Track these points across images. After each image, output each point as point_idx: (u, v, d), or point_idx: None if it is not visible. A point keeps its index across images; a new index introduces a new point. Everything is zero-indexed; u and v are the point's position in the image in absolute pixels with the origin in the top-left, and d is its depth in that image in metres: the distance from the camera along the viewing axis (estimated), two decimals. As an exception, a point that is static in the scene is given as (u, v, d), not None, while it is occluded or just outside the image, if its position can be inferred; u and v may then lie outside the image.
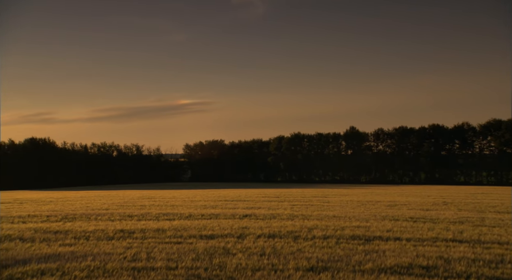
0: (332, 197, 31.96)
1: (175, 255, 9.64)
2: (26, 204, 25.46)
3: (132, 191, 46.96)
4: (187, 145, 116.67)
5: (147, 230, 13.10)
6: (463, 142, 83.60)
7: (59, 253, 9.73)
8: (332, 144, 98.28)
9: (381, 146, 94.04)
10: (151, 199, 29.30)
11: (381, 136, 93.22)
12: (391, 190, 46.88)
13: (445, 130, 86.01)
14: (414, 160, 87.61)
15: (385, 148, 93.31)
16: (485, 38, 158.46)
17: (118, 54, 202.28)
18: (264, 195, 33.36)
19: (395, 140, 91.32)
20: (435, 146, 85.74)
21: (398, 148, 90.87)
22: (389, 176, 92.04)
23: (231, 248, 10.45)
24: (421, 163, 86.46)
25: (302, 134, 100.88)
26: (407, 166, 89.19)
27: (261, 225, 14.48)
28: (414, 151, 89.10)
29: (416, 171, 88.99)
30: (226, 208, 21.64)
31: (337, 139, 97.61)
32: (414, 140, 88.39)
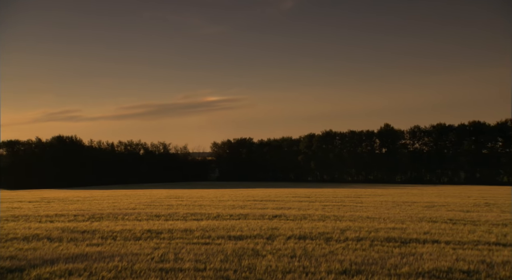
0: (366, 197, 31.59)
1: (203, 256, 9.72)
2: (54, 203, 26.14)
3: (159, 190, 47.60)
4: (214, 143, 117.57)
5: (175, 231, 13.24)
6: (507, 140, 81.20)
7: (86, 253, 9.94)
8: (365, 142, 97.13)
9: (417, 144, 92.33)
10: (178, 198, 29.64)
11: (417, 134, 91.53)
12: (429, 190, 46.00)
13: (486, 127, 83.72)
14: (453, 159, 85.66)
15: (422, 146, 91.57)
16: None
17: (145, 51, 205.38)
18: (294, 195, 33.27)
19: (432, 138, 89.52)
20: (476, 144, 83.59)
21: (436, 146, 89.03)
22: (426, 175, 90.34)
23: (260, 250, 10.46)
24: (461, 162, 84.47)
25: (334, 132, 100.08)
26: (445, 165, 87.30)
27: (292, 226, 14.44)
28: (453, 149, 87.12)
29: (455, 171, 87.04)
30: (255, 208, 21.68)
31: (371, 137, 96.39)
32: (453, 138, 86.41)
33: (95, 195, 35.73)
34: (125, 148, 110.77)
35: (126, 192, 42.32)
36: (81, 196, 35.00)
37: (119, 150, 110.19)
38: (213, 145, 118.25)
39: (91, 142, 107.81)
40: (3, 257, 9.39)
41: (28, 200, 28.59)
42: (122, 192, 44.46)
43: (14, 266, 8.66)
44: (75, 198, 30.75)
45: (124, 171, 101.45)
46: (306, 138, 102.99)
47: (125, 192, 42.44)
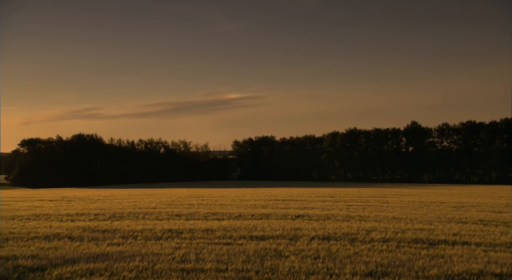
0: (392, 197, 31.27)
1: (224, 257, 9.75)
2: (74, 202, 26.59)
3: (180, 189, 47.96)
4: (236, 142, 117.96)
5: (196, 230, 13.32)
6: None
7: (107, 253, 10.08)
8: (391, 141, 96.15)
9: (446, 142, 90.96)
10: (199, 197, 29.83)
11: (446, 132, 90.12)
12: (458, 190, 45.27)
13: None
14: (483, 157, 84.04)
15: (451, 145, 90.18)
16: None
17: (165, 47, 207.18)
18: (317, 195, 33.15)
19: (462, 136, 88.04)
20: (508, 142, 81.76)
21: (466, 144, 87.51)
22: (455, 175, 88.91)
23: (283, 250, 10.44)
24: (492, 161, 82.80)
25: (359, 130, 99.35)
26: (475, 164, 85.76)
27: (315, 226, 14.39)
28: (483, 147, 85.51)
29: (486, 170, 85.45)
30: (277, 208, 21.67)
31: (397, 135, 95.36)
32: (484, 135, 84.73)
33: (115, 194, 36.22)
34: (146, 147, 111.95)
35: (146, 191, 42.79)
36: (101, 195, 35.52)
37: (140, 148, 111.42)
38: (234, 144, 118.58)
39: (112, 141, 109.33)
40: (25, 256, 9.59)
41: (49, 199, 29.14)
42: (143, 191, 44.96)
43: (35, 265, 8.84)
44: (96, 197, 31.22)
45: (145, 169, 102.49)
46: (329, 136, 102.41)
47: (145, 191, 42.91)
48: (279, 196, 31.22)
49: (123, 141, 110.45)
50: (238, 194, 35.63)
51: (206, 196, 32.22)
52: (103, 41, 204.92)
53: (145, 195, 33.73)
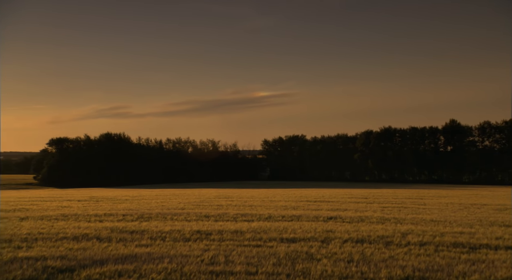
0: (429, 199, 30.76)
1: (254, 259, 9.77)
2: (102, 202, 27.10)
3: (208, 190, 48.30)
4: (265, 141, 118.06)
5: (225, 232, 13.39)
6: None
7: (135, 254, 10.23)
8: (428, 140, 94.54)
9: (487, 141, 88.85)
10: (228, 198, 29.97)
11: (487, 130, 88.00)
12: (501, 191, 44.17)
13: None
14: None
15: (493, 144, 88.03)
16: None
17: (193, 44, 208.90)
18: (350, 196, 32.89)
19: (505, 134, 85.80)
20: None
21: (509, 143, 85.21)
22: (498, 175, 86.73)
23: (315, 253, 10.40)
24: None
25: (394, 128, 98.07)
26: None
27: (348, 228, 14.27)
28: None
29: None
30: (308, 209, 21.59)
31: (435, 133, 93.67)
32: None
33: (143, 194, 36.76)
34: (174, 146, 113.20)
35: (174, 192, 43.26)
36: (129, 195, 36.10)
37: (167, 147, 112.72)
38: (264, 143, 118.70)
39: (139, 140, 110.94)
40: (54, 257, 9.83)
41: (77, 199, 29.79)
42: (171, 191, 45.47)
43: (64, 266, 9.04)
44: (124, 197, 31.75)
45: (172, 169, 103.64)
46: (363, 135, 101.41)
47: (173, 192, 43.39)
48: (310, 197, 31.10)
49: (151, 140, 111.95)
50: (268, 194, 35.65)
51: (235, 196, 32.35)
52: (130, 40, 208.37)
53: (173, 196, 34.11)
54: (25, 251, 10.52)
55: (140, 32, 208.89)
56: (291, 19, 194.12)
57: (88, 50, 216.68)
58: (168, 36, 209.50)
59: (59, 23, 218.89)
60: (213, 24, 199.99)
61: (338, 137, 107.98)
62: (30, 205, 24.36)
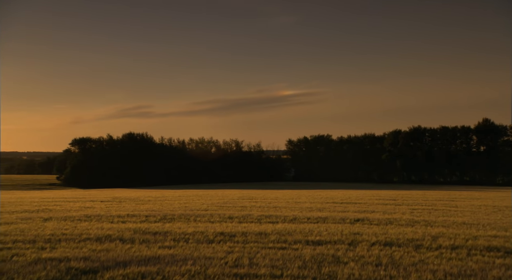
0: (461, 200, 30.27)
1: (279, 262, 9.76)
2: (125, 202, 27.44)
3: (232, 191, 48.44)
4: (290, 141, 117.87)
5: (249, 234, 13.42)
6: None
7: (158, 256, 10.33)
8: (460, 139, 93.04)
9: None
10: (252, 199, 30.02)
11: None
12: (536, 193, 43.15)
13: None
14: None
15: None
16: None
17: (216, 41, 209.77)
18: (378, 197, 32.60)
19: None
20: None
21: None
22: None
23: (341, 256, 10.33)
24: None
25: (423, 128, 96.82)
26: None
27: (376, 231, 14.15)
28: None
29: None
30: (334, 211, 21.48)
31: (467, 133, 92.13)
32: None
33: (166, 195, 37.08)
34: (196, 146, 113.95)
35: (197, 192, 43.53)
36: (152, 196, 36.46)
37: (190, 148, 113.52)
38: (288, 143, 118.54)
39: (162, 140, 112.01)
40: (77, 258, 9.99)
41: (100, 200, 30.23)
42: (194, 192, 45.76)
43: (88, 268, 9.18)
44: (146, 198, 32.09)
45: (195, 170, 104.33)
46: (391, 135, 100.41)
47: (196, 192, 43.65)
48: (336, 199, 30.93)
49: (174, 140, 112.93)
50: (292, 196, 35.57)
51: (259, 198, 32.37)
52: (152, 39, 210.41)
53: (196, 196, 34.32)
54: (49, 252, 10.72)
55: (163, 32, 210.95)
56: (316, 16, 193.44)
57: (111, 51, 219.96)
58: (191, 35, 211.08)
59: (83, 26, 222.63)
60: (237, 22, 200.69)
61: (365, 137, 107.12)
62: (54, 205, 24.82)
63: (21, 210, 21.46)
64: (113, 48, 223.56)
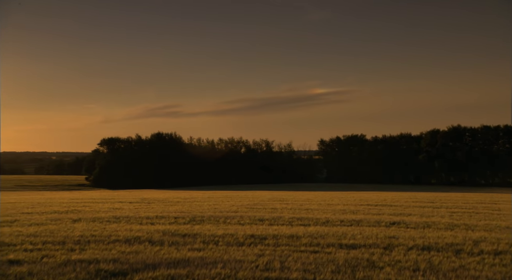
0: (504, 203, 29.56)
1: (312, 266, 9.72)
2: (154, 204, 27.77)
3: (262, 192, 48.48)
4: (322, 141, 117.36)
5: (280, 236, 13.40)
6: None
7: (188, 258, 10.41)
8: (503, 139, 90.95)
9: None
10: (283, 201, 29.98)
11: None
12: None
13: None
14: None
15: None
16: None
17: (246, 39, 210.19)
18: (414, 200, 32.14)
19: None
20: None
21: None
22: None
23: (376, 261, 10.22)
24: None
25: (463, 127, 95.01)
26: None
27: (413, 234, 13.95)
28: None
29: None
30: (369, 213, 21.27)
31: (510, 132, 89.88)
32: None
33: (195, 196, 37.37)
34: (226, 146, 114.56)
35: (227, 194, 43.71)
36: (181, 197, 36.80)
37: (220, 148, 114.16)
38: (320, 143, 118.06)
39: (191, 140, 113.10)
40: (107, 260, 10.16)
41: (128, 201, 30.69)
42: (223, 193, 45.97)
43: (117, 270, 9.32)
44: (175, 199, 32.40)
45: (225, 170, 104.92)
46: (428, 135, 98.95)
47: (226, 194, 43.85)
48: (370, 201, 30.62)
49: (203, 140, 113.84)
50: (325, 197, 35.38)
51: (290, 199, 32.31)
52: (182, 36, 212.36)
53: (225, 198, 34.48)
54: (78, 253, 10.94)
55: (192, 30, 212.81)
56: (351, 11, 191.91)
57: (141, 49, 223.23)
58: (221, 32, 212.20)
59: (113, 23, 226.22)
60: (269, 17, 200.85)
61: (401, 137, 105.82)
62: (82, 206, 25.31)
63: (50, 211, 21.97)
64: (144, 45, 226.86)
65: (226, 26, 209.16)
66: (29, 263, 9.88)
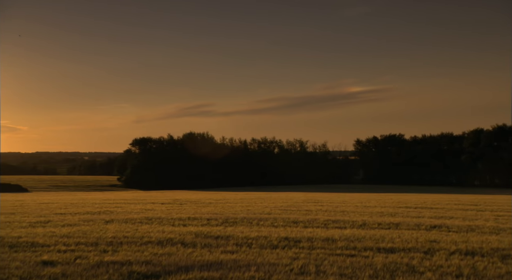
0: (553, 206, 28.69)
1: (348, 270, 9.64)
2: (186, 205, 28.04)
3: (296, 193, 48.35)
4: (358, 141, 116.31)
5: (315, 239, 13.34)
6: None
7: (221, 261, 10.47)
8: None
9: None
10: (317, 203, 29.86)
11: None
12: None
13: None
14: None
15: None
16: None
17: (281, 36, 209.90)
18: (456, 202, 31.54)
19: None
20: None
21: None
22: None
23: (417, 265, 10.07)
24: None
25: (509, 127, 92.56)
26: None
27: (455, 239, 13.68)
28: None
29: None
30: (408, 216, 20.97)
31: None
32: None
33: (227, 198, 37.56)
34: (259, 146, 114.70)
35: (260, 195, 43.77)
36: (213, 198, 37.04)
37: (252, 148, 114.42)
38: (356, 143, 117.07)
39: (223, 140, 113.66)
40: (139, 262, 10.30)
41: (160, 202, 31.06)
42: (256, 194, 46.05)
43: (149, 272, 9.45)
44: (207, 201, 32.64)
45: (257, 171, 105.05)
46: (471, 135, 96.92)
47: (259, 195, 43.91)
48: (409, 203, 30.20)
49: (235, 140, 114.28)
50: (361, 199, 35.06)
51: (325, 201, 32.14)
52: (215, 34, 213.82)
53: (258, 199, 34.54)
54: (111, 255, 11.12)
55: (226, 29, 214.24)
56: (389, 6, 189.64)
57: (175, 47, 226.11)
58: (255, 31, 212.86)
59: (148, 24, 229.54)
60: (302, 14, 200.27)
61: (442, 137, 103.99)
62: (115, 207, 25.75)
63: (83, 212, 22.44)
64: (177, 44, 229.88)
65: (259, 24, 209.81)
66: (62, 264, 10.10)
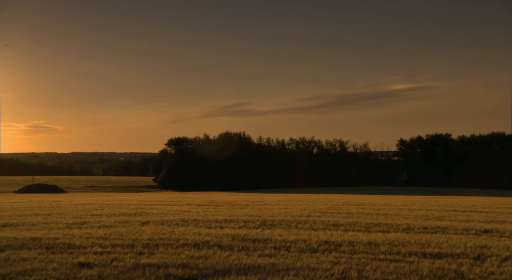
0: None
1: (392, 276, 9.51)
2: (222, 207, 28.19)
3: (336, 195, 48.02)
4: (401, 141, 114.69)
5: (356, 243, 13.22)
6: None
7: (259, 265, 10.47)
8: None
9: None
10: (359, 205, 29.59)
11: None
12: None
13: None
14: None
15: None
16: None
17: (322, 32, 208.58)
18: (509, 206, 30.76)
19: None
20: None
21: None
22: None
23: (466, 272, 9.85)
24: None
25: None
26: None
27: (508, 244, 13.34)
28: None
29: None
30: (456, 220, 20.56)
31: None
32: None
33: (265, 200, 37.60)
34: (297, 146, 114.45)
35: (298, 197, 43.66)
36: (250, 200, 37.14)
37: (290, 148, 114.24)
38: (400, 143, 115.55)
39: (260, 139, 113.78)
40: (175, 265, 10.40)
41: (196, 203, 31.33)
42: (294, 196, 45.95)
43: (186, 275, 9.53)
44: (244, 202, 32.74)
45: (295, 172, 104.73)
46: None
47: (297, 197, 43.80)
48: (457, 206, 29.61)
49: (272, 140, 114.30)
50: (405, 202, 34.57)
51: (367, 203, 31.83)
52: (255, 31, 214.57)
53: (297, 201, 34.45)
54: (147, 257, 11.27)
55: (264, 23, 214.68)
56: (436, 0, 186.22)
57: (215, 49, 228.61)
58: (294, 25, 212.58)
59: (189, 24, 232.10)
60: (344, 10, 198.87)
61: (492, 136, 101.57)
62: (150, 209, 26.11)
63: (119, 213, 22.83)
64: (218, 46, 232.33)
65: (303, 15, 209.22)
66: (99, 266, 10.29)
